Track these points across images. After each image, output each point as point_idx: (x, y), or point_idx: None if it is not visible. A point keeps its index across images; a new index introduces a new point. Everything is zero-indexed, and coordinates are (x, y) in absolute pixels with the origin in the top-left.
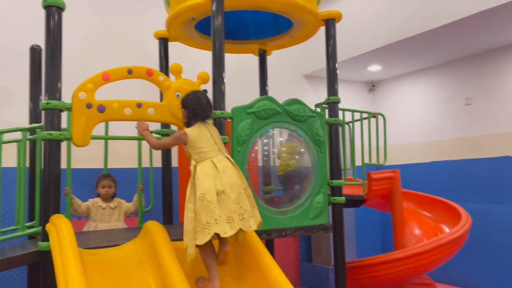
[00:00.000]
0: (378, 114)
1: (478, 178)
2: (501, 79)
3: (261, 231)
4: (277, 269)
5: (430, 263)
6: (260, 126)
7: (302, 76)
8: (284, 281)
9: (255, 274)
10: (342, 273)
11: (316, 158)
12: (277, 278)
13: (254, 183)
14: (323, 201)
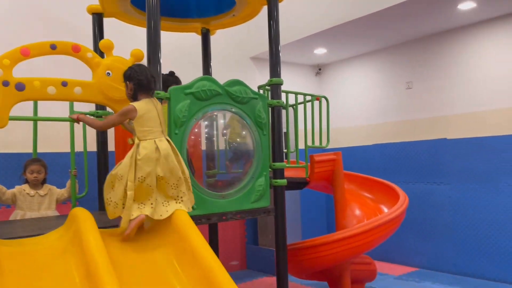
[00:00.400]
0: (321, 97)
1: (417, 160)
2: (440, 64)
3: (200, 216)
4: (211, 256)
5: (369, 243)
6: (200, 107)
7: (249, 58)
8: (217, 266)
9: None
10: (283, 256)
11: (258, 140)
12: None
13: (196, 167)
14: (265, 184)
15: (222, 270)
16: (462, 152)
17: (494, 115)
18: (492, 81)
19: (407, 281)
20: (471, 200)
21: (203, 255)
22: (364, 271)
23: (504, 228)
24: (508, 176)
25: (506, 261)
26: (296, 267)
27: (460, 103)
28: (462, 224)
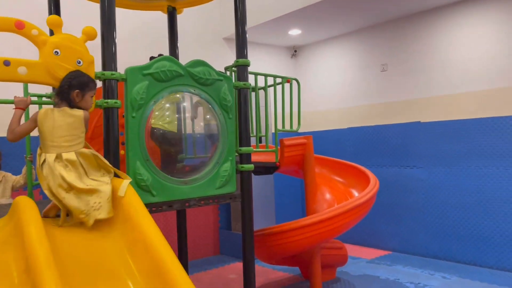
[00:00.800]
0: (292, 79)
1: (390, 143)
2: (416, 46)
3: (161, 203)
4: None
5: (338, 228)
6: (159, 89)
7: (221, 39)
8: (170, 257)
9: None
10: (250, 241)
11: (223, 124)
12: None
13: (156, 151)
14: (231, 169)
15: (175, 262)
16: (434, 135)
17: (467, 98)
18: (466, 64)
19: (379, 264)
20: (442, 183)
21: (156, 246)
22: (335, 255)
23: (474, 211)
24: (479, 159)
25: (476, 244)
26: (265, 253)
27: (435, 85)
28: (433, 208)
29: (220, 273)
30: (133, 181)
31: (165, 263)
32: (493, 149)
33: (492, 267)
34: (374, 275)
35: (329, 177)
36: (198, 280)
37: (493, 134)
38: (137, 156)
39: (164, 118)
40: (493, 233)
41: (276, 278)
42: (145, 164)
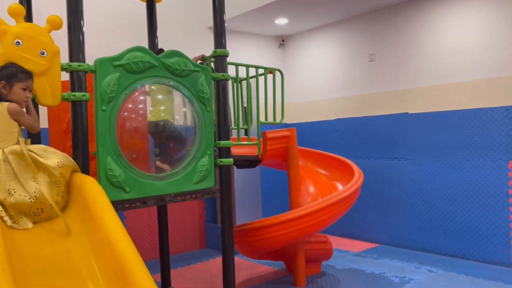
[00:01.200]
0: (275, 70)
1: (378, 135)
2: (403, 35)
3: (135, 199)
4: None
5: (321, 222)
6: (131, 81)
7: (206, 28)
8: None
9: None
10: (229, 237)
11: (201, 117)
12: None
13: (131, 144)
14: (209, 163)
15: (139, 265)
16: (422, 127)
17: (456, 89)
18: (455, 54)
19: (366, 258)
20: (430, 176)
21: (120, 248)
22: (320, 250)
23: (461, 204)
24: (467, 152)
25: (463, 236)
26: (246, 248)
27: (423, 76)
28: (421, 200)
29: (204, 267)
30: (104, 177)
31: (128, 266)
32: (481, 141)
33: (479, 260)
34: (359, 268)
35: (313, 169)
36: (181, 275)
37: (481, 126)
38: (108, 151)
39: (158, 109)
40: (481, 226)
41: (260, 273)
42: (117, 160)
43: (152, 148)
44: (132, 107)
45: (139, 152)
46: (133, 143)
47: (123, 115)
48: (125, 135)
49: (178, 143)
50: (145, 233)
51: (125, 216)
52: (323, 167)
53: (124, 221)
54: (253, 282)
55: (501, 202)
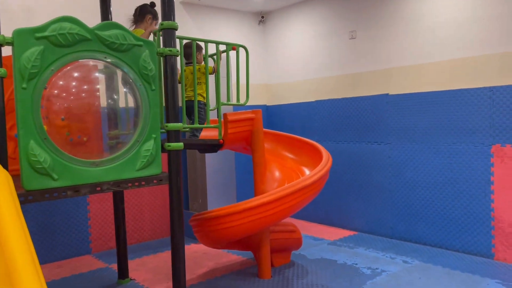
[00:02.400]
0: (238, 46)
1: (358, 118)
2: (385, 11)
3: (65, 188)
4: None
5: (285, 210)
6: (59, 55)
7: (178, 3)
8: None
9: None
10: (179, 228)
11: (144, 97)
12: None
13: (78, 128)
14: (154, 148)
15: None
16: (403, 109)
17: (438, 68)
18: (438, 31)
19: (340, 247)
20: (410, 161)
21: (12, 248)
22: (287, 239)
23: (442, 191)
24: (448, 135)
25: (443, 225)
26: (206, 239)
27: (404, 54)
28: (401, 186)
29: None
30: (26, 163)
31: (16, 270)
32: (463, 124)
33: (458, 251)
34: (332, 259)
35: (281, 154)
36: (143, 264)
37: (464, 108)
38: (31, 134)
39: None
40: (461, 214)
41: (227, 262)
42: (42, 144)
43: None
44: (70, 84)
45: (89, 135)
46: (80, 126)
47: (53, 93)
48: (62, 116)
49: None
50: (130, 216)
51: (88, 202)
52: (291, 151)
53: (87, 207)
54: (217, 273)
55: (483, 190)
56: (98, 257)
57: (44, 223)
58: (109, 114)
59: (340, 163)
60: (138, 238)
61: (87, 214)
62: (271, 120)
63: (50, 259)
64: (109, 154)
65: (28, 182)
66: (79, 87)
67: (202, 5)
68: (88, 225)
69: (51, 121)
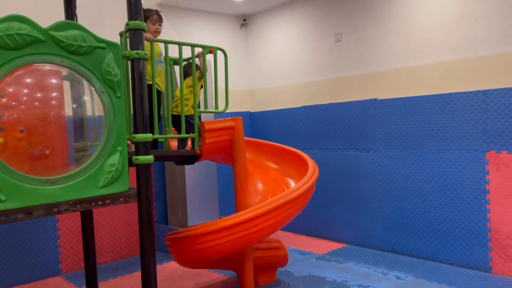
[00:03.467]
0: (216, 49)
1: (345, 124)
2: (371, 11)
3: (15, 210)
4: None
5: (268, 228)
6: (7, 59)
7: (155, 5)
8: None
9: None
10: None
11: (109, 105)
12: None
13: (39, 140)
14: (120, 162)
15: None
16: (392, 114)
17: (428, 71)
18: (427, 32)
19: (330, 261)
20: (400, 169)
21: None
22: (271, 257)
23: (434, 200)
24: (438, 142)
25: (436, 237)
26: (182, 259)
27: (393, 57)
28: (391, 196)
29: None
30: None
31: None
32: (456, 130)
33: (453, 264)
34: (320, 276)
35: (264, 164)
36: (116, 286)
37: (456, 113)
38: None
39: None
40: (456, 225)
41: (208, 282)
42: None
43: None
44: (29, 91)
45: (52, 147)
46: (42, 137)
47: (10, 102)
48: (21, 127)
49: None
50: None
51: (57, 219)
52: (275, 161)
53: (57, 224)
54: None
55: (478, 199)
56: (68, 278)
57: (10, 242)
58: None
59: (327, 172)
60: (113, 256)
61: (56, 232)
62: (254, 127)
63: (16, 281)
64: (75, 168)
65: None
66: (39, 95)
67: (180, 7)
68: (57, 243)
69: (8, 133)
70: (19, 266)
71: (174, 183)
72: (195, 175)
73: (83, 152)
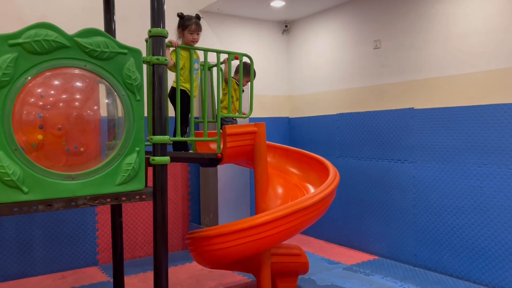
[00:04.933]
0: (242, 55)
1: (382, 133)
2: (411, 18)
3: (36, 202)
4: None
5: (284, 232)
6: (34, 63)
7: (197, 12)
8: None
9: None
10: (163, 249)
11: (128, 107)
12: None
13: (75, 138)
14: (137, 162)
15: None
16: (428, 125)
17: (467, 81)
18: (470, 39)
19: (356, 272)
20: (435, 182)
21: None
22: (290, 263)
23: (470, 217)
24: (477, 156)
25: (470, 256)
26: (199, 259)
27: (432, 65)
28: (425, 210)
29: (175, 272)
30: None
31: None
32: (496, 144)
33: (487, 286)
34: (343, 286)
35: (287, 169)
36: (145, 280)
37: (496, 125)
38: (0, 145)
39: None
40: (491, 245)
41: (230, 284)
42: (12, 155)
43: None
44: (67, 93)
45: (87, 145)
46: (77, 136)
47: (49, 102)
48: (59, 125)
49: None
50: (140, 228)
51: (96, 213)
52: (298, 167)
53: (96, 218)
54: None
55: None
56: (104, 269)
57: (52, 231)
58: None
59: (361, 181)
60: (147, 251)
61: (95, 225)
62: (293, 133)
63: (56, 268)
64: (86, 167)
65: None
66: (78, 96)
67: (222, 14)
68: (95, 235)
69: (47, 130)
70: (59, 254)
71: (207, 184)
72: (227, 176)
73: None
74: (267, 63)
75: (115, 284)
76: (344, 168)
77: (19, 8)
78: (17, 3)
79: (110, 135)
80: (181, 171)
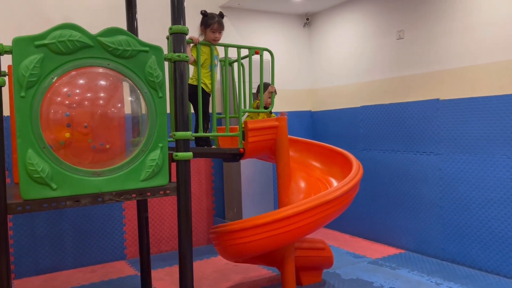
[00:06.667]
0: (262, 50)
1: (406, 125)
2: (435, 6)
3: (64, 198)
4: None
5: (306, 226)
6: (60, 63)
7: (218, 8)
8: None
9: None
10: (187, 243)
11: (151, 104)
12: None
13: (101, 136)
14: (161, 158)
15: None
16: (454, 116)
17: (495, 70)
18: (497, 26)
19: (381, 267)
20: (463, 174)
21: None
22: (314, 257)
23: (500, 210)
24: (505, 146)
25: (500, 250)
26: (223, 252)
27: (457, 55)
28: (452, 203)
29: (200, 266)
30: (23, 172)
31: None
32: None
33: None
34: (368, 280)
35: (309, 163)
36: (171, 274)
37: None
38: (29, 143)
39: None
40: None
41: (255, 277)
42: (41, 153)
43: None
44: (93, 91)
45: (112, 142)
46: (103, 133)
47: (76, 101)
48: (85, 123)
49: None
50: (165, 223)
51: (123, 208)
52: (321, 160)
53: (123, 213)
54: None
55: None
56: (131, 263)
57: (81, 226)
58: (132, 121)
59: (387, 174)
60: (173, 246)
61: (122, 220)
62: (315, 126)
63: (86, 262)
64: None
65: (26, 191)
66: (101, 94)
67: (242, 9)
68: (123, 230)
69: (74, 128)
70: (88, 248)
71: (230, 179)
72: (250, 171)
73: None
74: (289, 57)
75: (143, 278)
76: (369, 161)
77: (43, 9)
78: (41, 4)
79: (134, 132)
80: (205, 167)
